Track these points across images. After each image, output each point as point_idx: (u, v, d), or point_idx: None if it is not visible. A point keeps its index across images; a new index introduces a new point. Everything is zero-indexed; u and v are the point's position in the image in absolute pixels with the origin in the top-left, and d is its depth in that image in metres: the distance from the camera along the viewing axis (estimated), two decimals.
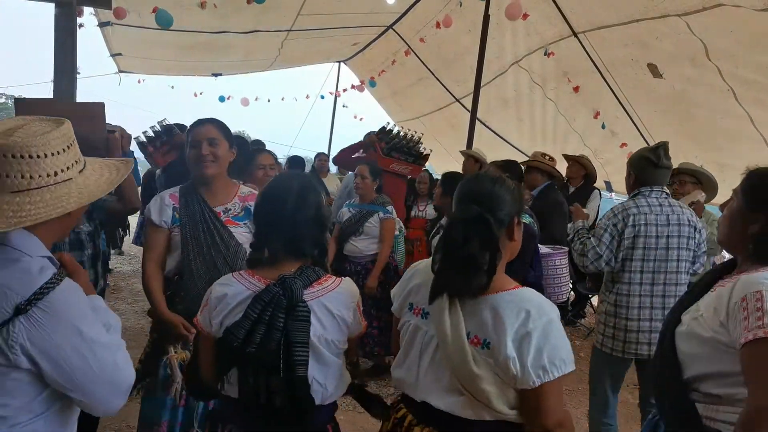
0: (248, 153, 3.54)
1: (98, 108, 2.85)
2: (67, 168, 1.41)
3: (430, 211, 5.72)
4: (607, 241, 2.96)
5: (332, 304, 1.69)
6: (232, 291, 1.69)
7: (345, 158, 6.03)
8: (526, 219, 3.58)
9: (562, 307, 4.30)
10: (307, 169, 7.58)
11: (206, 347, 1.72)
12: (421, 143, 6.15)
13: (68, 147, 1.42)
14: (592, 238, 3.01)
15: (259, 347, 1.59)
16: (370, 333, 4.43)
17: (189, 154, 2.47)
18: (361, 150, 6.00)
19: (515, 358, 1.43)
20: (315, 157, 7.84)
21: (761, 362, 1.39)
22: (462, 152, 6.21)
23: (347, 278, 1.80)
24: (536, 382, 1.43)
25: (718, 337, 1.54)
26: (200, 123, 2.50)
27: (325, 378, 1.69)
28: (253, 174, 3.47)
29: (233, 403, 1.70)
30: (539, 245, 3.80)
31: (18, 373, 1.30)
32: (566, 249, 3.73)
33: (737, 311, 1.48)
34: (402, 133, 6.08)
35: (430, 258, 1.69)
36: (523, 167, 4.64)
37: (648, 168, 3.02)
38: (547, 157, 4.90)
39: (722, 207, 3.90)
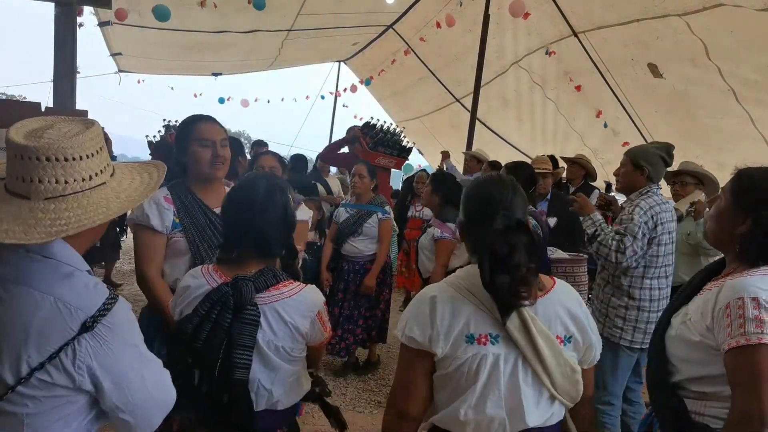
0: (242, 152, 3.53)
1: (82, 114, 2.83)
2: (101, 171, 1.32)
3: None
4: (643, 240, 2.96)
5: (286, 311, 1.66)
6: (195, 284, 1.72)
7: (331, 154, 6.17)
8: (531, 221, 3.55)
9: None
10: (309, 168, 7.58)
11: None
12: (404, 136, 6.22)
13: (100, 149, 1.32)
14: (627, 236, 2.94)
15: (205, 344, 1.61)
16: (352, 330, 4.46)
17: (198, 152, 2.28)
18: (346, 146, 6.10)
19: (595, 341, 1.57)
20: (317, 158, 7.85)
21: (744, 368, 1.44)
22: (465, 153, 6.22)
23: (311, 287, 1.75)
24: (599, 356, 1.60)
25: (706, 341, 1.57)
26: (206, 120, 2.36)
27: (272, 383, 1.67)
28: None
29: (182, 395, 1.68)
30: (559, 250, 3.81)
31: (78, 396, 1.23)
32: (584, 257, 3.67)
33: (722, 317, 1.51)
34: (385, 127, 6.18)
35: (443, 283, 1.57)
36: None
37: (660, 166, 3.07)
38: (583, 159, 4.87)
39: (710, 203, 3.89)
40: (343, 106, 12.98)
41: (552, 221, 4.07)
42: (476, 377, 1.46)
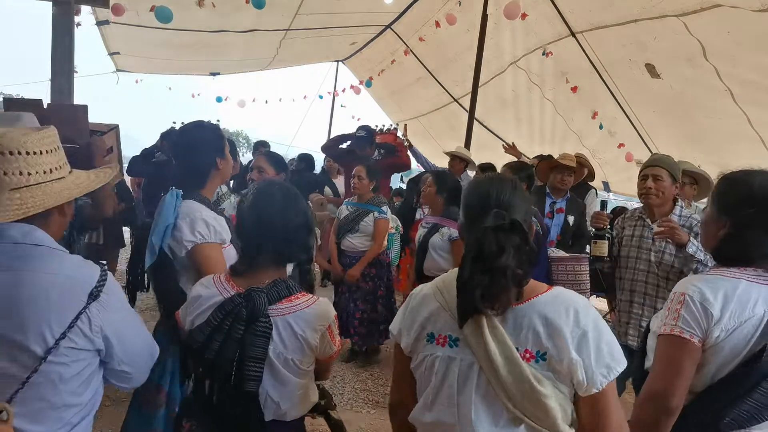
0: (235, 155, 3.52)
1: (80, 110, 2.82)
2: (59, 168, 1.50)
3: None
4: None
5: (297, 324, 1.64)
6: (206, 293, 1.71)
7: (332, 147, 6.31)
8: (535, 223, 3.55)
9: None
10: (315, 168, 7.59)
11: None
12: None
13: (57, 148, 1.51)
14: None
15: (217, 355, 1.60)
16: (351, 322, 4.68)
17: (225, 163, 2.40)
18: (349, 142, 6.22)
19: (580, 361, 1.30)
20: (324, 159, 7.86)
21: (660, 354, 1.62)
22: (446, 153, 6.21)
23: (324, 299, 1.74)
24: (603, 383, 1.31)
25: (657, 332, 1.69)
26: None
27: (280, 396, 1.66)
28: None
29: (196, 402, 1.72)
30: (559, 250, 3.84)
31: (95, 357, 1.45)
32: (586, 256, 3.66)
33: (665, 308, 1.67)
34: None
35: (435, 280, 1.54)
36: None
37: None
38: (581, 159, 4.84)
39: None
40: (341, 106, 12.97)
41: (571, 219, 4.10)
42: (429, 378, 1.44)
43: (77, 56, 4.28)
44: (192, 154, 2.35)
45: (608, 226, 3.21)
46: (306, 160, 7.25)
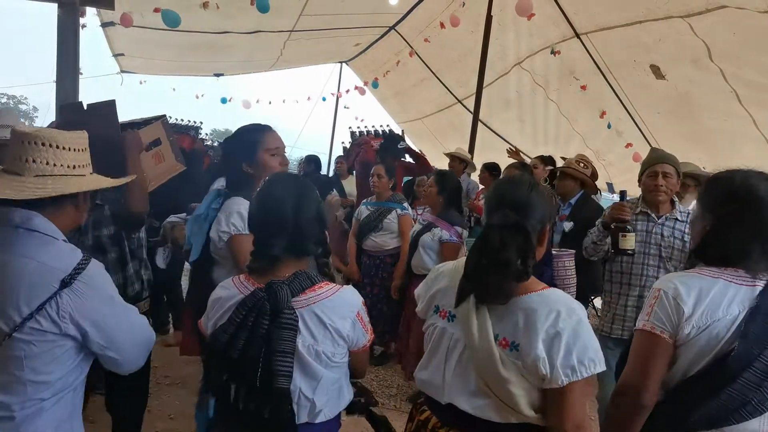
0: None
1: (109, 106, 2.79)
2: (83, 166, 1.65)
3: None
4: None
5: (325, 313, 1.59)
6: (226, 294, 1.67)
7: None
8: None
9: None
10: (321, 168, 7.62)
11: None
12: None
13: (84, 149, 1.66)
14: None
15: (242, 353, 1.54)
16: (388, 322, 4.67)
17: (267, 160, 2.40)
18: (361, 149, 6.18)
19: (545, 359, 1.43)
20: (336, 160, 7.90)
21: (634, 349, 1.65)
22: (446, 154, 6.22)
23: (349, 287, 1.70)
24: (564, 381, 1.43)
25: None
26: (272, 130, 2.50)
27: (313, 392, 1.60)
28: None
29: (219, 420, 1.69)
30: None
31: (64, 340, 1.50)
32: (573, 251, 3.67)
33: (644, 304, 1.69)
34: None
35: (456, 260, 1.74)
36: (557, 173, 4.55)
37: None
38: (581, 164, 4.71)
39: None
40: (345, 107, 12.98)
41: (568, 225, 4.04)
42: (428, 343, 1.69)
43: (82, 57, 4.28)
44: (226, 157, 2.47)
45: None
46: (314, 161, 7.26)
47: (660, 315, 1.59)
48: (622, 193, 3.18)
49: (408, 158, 6.67)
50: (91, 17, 6.63)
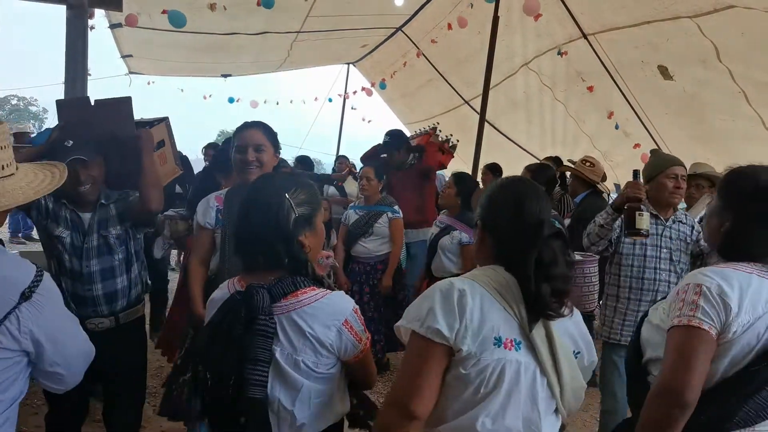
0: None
1: (124, 103, 2.76)
2: (8, 165, 1.47)
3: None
4: None
5: (304, 321, 1.48)
6: (219, 295, 1.63)
7: (372, 157, 5.82)
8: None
9: (589, 315, 4.17)
10: (317, 169, 7.60)
11: None
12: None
13: (7, 146, 1.48)
14: None
15: (219, 359, 1.47)
16: (378, 330, 4.46)
17: (234, 158, 2.48)
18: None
19: (594, 361, 1.54)
20: (335, 160, 7.91)
21: (671, 346, 1.54)
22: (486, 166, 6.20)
23: (338, 293, 1.59)
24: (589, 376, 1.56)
25: (662, 325, 1.64)
26: (247, 127, 2.51)
27: (292, 404, 1.50)
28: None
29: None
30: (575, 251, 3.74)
31: (21, 356, 1.41)
32: (596, 257, 3.61)
33: (674, 301, 1.59)
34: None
35: (469, 277, 1.49)
36: (567, 174, 4.52)
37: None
38: (587, 164, 4.69)
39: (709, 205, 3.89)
40: (352, 108, 12.98)
41: (566, 222, 4.04)
42: (499, 383, 1.39)
43: (90, 59, 4.31)
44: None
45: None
46: (304, 162, 7.28)
47: (708, 311, 1.49)
48: (635, 172, 2.96)
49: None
50: (99, 19, 6.66)
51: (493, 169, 5.90)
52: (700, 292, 1.52)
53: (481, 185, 6.02)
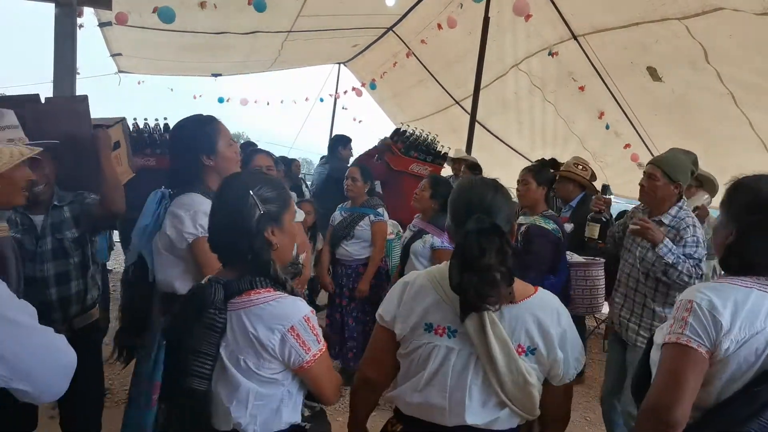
0: (245, 154, 3.49)
1: (81, 102, 2.67)
2: None
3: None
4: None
5: (249, 321, 1.49)
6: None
7: (365, 161, 5.75)
8: (548, 224, 3.49)
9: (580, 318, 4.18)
10: (308, 170, 7.57)
11: None
12: (438, 142, 6.05)
13: None
14: (701, 262, 2.83)
15: (176, 346, 1.52)
16: (353, 336, 4.39)
17: (230, 151, 2.40)
18: (377, 156, 5.85)
19: (563, 357, 1.53)
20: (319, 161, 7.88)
21: (663, 364, 1.52)
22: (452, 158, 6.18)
23: (292, 298, 1.57)
24: (573, 375, 1.56)
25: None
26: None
27: (230, 401, 1.51)
28: None
29: None
30: (575, 254, 3.74)
31: None
32: (602, 261, 3.62)
33: (671, 316, 1.57)
34: (417, 133, 5.96)
35: (425, 271, 1.69)
36: (556, 176, 4.52)
37: (689, 178, 3.02)
38: (580, 167, 4.70)
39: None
40: (343, 108, 12.96)
41: (568, 227, 4.03)
42: (425, 364, 1.58)
43: (79, 57, 4.27)
44: (179, 150, 2.32)
45: (606, 211, 3.28)
46: (281, 162, 7.24)
47: (696, 328, 1.46)
48: (605, 188, 3.40)
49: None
50: (88, 17, 6.61)
51: (472, 167, 5.86)
52: (691, 309, 1.50)
53: None
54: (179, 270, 2.20)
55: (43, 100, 2.67)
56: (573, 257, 3.68)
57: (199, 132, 2.30)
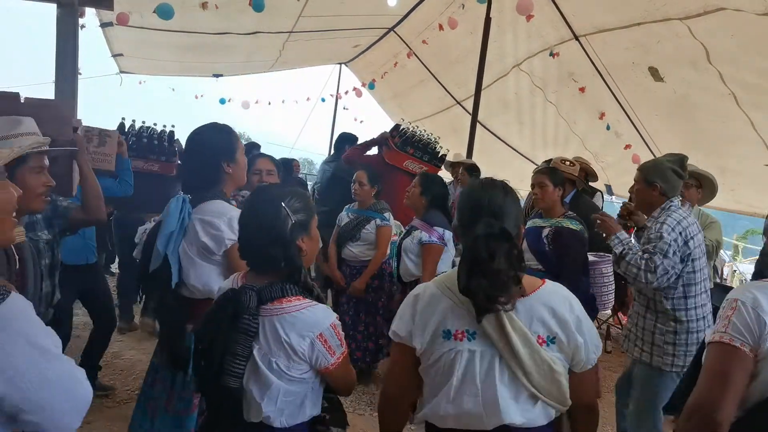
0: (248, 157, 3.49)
1: (64, 106, 2.70)
2: None
3: None
4: (674, 258, 2.83)
5: (282, 327, 1.62)
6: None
7: (356, 156, 5.68)
8: (576, 226, 3.50)
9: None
10: (309, 170, 7.55)
11: None
12: (438, 143, 6.00)
13: None
14: (657, 255, 2.81)
15: (208, 346, 1.63)
16: (354, 336, 4.42)
17: (244, 160, 2.46)
18: (374, 147, 5.81)
19: (583, 343, 1.55)
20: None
21: (708, 364, 1.51)
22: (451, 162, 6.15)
23: (321, 306, 1.70)
24: (594, 360, 1.59)
25: None
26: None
27: (261, 398, 1.63)
28: (250, 179, 3.41)
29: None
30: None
31: None
32: (610, 256, 3.63)
33: (718, 316, 1.57)
34: (418, 131, 5.89)
35: (431, 282, 1.70)
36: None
37: (675, 180, 3.00)
38: (567, 163, 4.72)
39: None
40: (344, 108, 12.96)
41: None
42: (450, 372, 1.57)
43: (81, 58, 4.28)
44: (201, 156, 2.34)
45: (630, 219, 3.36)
46: (282, 165, 7.23)
47: (739, 326, 1.46)
48: (607, 188, 3.34)
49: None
50: (90, 17, 6.62)
51: (470, 169, 5.85)
52: (735, 307, 1.50)
53: (460, 185, 5.98)
54: (215, 274, 2.27)
55: (23, 101, 2.65)
56: (589, 256, 3.70)
57: (221, 139, 2.35)
